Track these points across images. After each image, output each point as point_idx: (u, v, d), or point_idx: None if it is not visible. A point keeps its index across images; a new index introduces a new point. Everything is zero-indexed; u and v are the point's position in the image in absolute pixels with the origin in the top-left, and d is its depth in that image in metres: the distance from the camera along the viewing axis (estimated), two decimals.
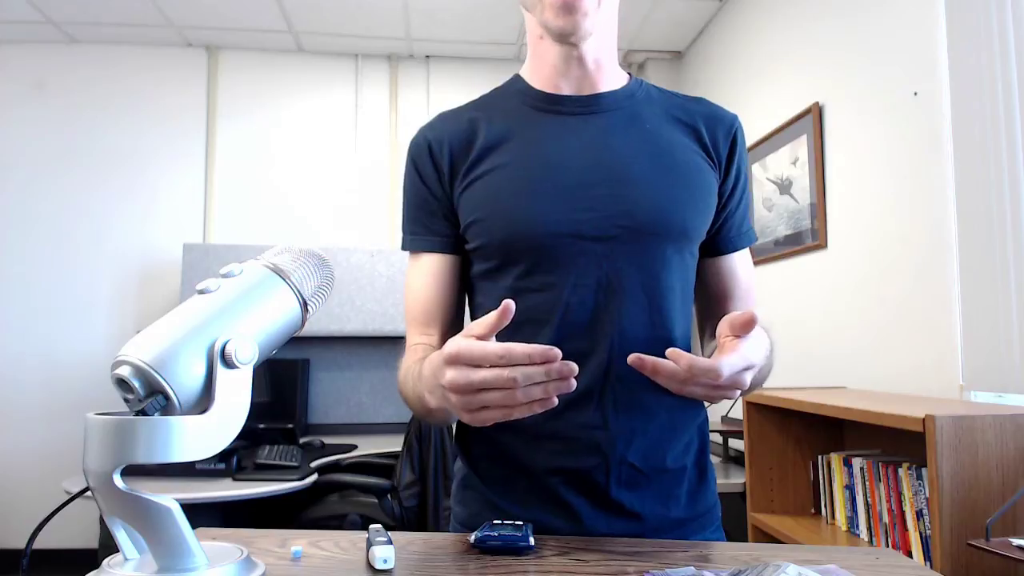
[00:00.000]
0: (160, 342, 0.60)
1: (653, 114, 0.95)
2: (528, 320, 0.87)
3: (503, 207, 0.89)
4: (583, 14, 0.86)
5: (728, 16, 3.46)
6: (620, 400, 0.86)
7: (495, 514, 0.90)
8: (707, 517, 0.94)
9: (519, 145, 0.92)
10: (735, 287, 1.01)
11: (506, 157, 0.91)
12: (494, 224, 0.89)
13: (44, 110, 3.85)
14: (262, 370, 0.71)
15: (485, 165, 0.92)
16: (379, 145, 4.07)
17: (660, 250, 0.89)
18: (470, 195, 0.92)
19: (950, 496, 1.38)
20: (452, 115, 0.99)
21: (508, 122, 0.94)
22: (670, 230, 0.89)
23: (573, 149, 0.91)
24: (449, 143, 0.94)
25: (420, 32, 3.84)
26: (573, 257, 0.87)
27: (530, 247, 0.88)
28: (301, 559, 0.73)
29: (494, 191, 0.90)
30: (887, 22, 2.21)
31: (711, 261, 1.00)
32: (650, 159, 0.91)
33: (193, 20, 3.69)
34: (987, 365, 1.76)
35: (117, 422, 0.58)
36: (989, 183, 1.76)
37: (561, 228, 0.87)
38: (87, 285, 3.80)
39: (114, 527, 0.62)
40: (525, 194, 0.89)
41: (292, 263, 0.70)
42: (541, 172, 0.89)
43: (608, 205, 0.88)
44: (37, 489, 3.59)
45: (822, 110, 2.58)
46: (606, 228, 0.87)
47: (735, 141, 0.97)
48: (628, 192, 0.88)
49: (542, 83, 0.96)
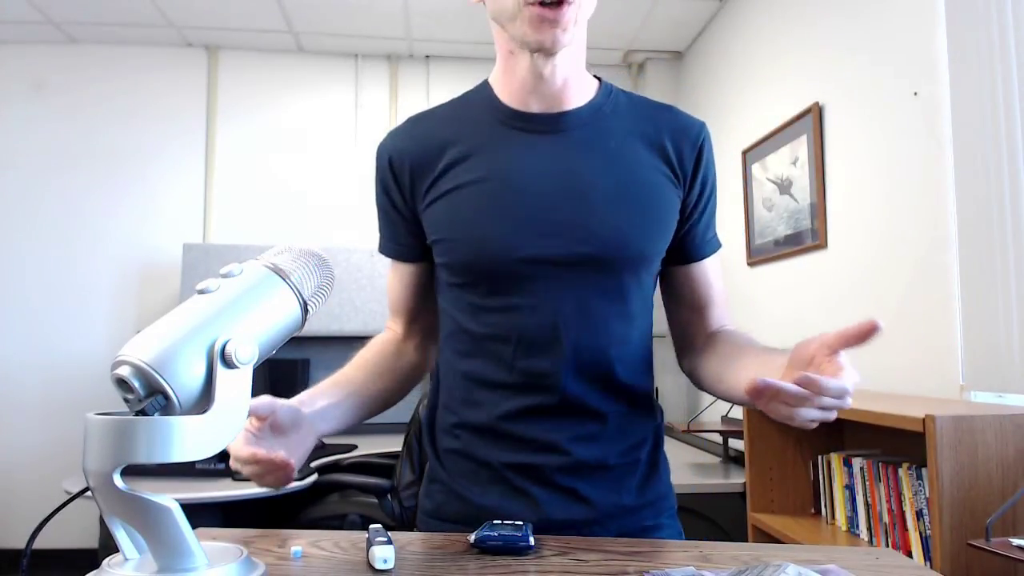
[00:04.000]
0: (160, 342, 0.60)
1: (620, 129, 0.95)
2: (489, 336, 0.92)
3: (465, 229, 0.91)
4: (563, 28, 0.85)
5: (728, 16, 3.46)
6: (574, 412, 0.92)
7: (459, 503, 0.95)
8: (660, 504, 0.98)
9: (484, 162, 0.92)
10: (710, 294, 1.02)
11: (471, 175, 0.92)
12: (456, 246, 0.92)
13: (44, 110, 3.85)
14: (262, 370, 0.71)
15: (449, 181, 0.93)
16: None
17: (619, 276, 0.92)
18: (433, 212, 0.94)
19: (950, 496, 1.38)
20: (420, 123, 0.99)
21: (475, 136, 0.94)
22: (629, 258, 0.92)
23: (536, 171, 0.91)
24: (411, 159, 0.95)
25: (420, 32, 3.84)
26: (533, 281, 0.90)
27: (491, 271, 0.91)
28: (301, 559, 0.73)
29: (457, 211, 0.92)
30: (887, 22, 2.21)
31: (680, 269, 1.01)
32: (613, 182, 0.92)
33: (193, 20, 3.69)
34: (987, 365, 1.76)
35: (117, 422, 0.58)
36: (989, 183, 1.76)
37: (521, 254, 0.89)
38: (87, 285, 3.80)
39: (114, 527, 0.62)
40: (487, 217, 0.90)
41: (292, 263, 0.70)
42: (503, 194, 0.91)
43: (569, 231, 0.89)
44: (37, 489, 3.59)
45: (822, 110, 2.58)
46: (566, 255, 0.89)
47: (701, 151, 0.97)
48: (589, 219, 0.90)
49: (510, 97, 0.95)
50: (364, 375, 1.01)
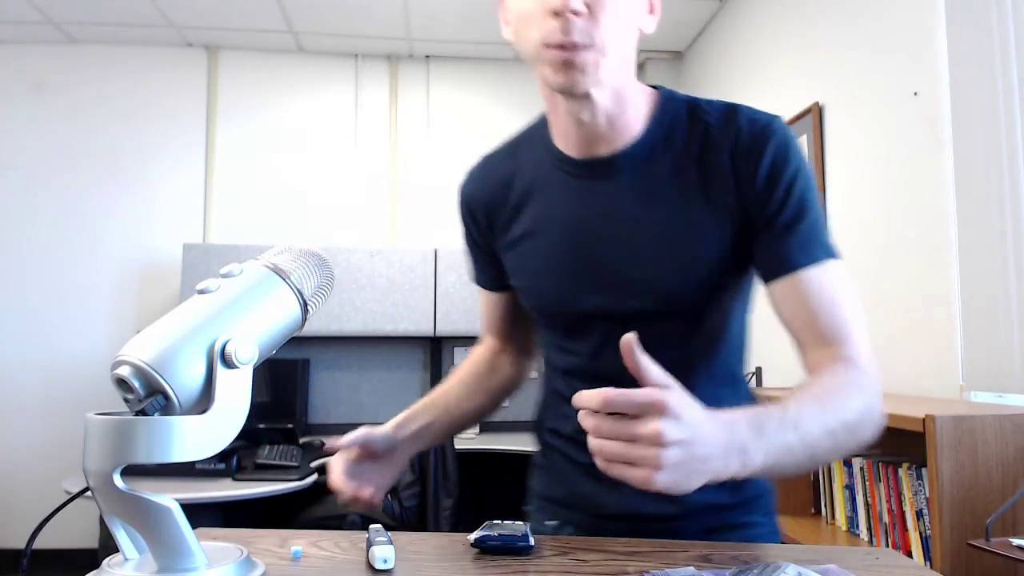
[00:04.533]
0: (160, 342, 0.60)
1: (674, 162, 0.89)
2: (564, 370, 0.99)
3: (530, 280, 0.98)
4: (582, 71, 0.80)
5: (728, 16, 3.46)
6: None
7: (559, 489, 1.01)
8: (755, 503, 0.96)
9: (541, 209, 0.95)
10: (792, 320, 0.85)
11: (531, 223, 0.96)
12: (525, 294, 1.00)
13: (44, 110, 3.85)
14: (262, 370, 0.72)
15: (516, 226, 0.97)
16: (379, 145, 4.07)
17: (674, 324, 0.90)
18: (507, 258, 1.00)
19: (950, 496, 1.38)
20: (490, 164, 1.03)
21: (534, 179, 0.96)
22: (679, 310, 0.90)
23: (586, 220, 0.91)
24: (484, 204, 1.01)
25: (420, 32, 3.84)
26: (591, 332, 0.94)
27: (554, 321, 0.98)
28: (301, 559, 0.73)
29: (522, 261, 0.98)
30: (887, 22, 2.21)
31: (768, 289, 0.89)
32: (661, 230, 0.88)
33: (193, 20, 3.69)
34: (987, 365, 1.76)
35: (117, 422, 0.58)
36: (989, 183, 1.76)
37: (577, 309, 0.93)
38: (87, 285, 3.80)
39: (114, 527, 0.62)
40: (545, 271, 0.95)
41: (292, 263, 0.70)
42: (558, 246, 0.93)
43: (619, 286, 0.90)
44: (37, 489, 3.59)
45: (822, 110, 2.58)
46: (618, 309, 0.90)
47: (761, 159, 0.86)
48: (638, 272, 0.89)
49: (557, 138, 0.94)
50: (458, 394, 1.08)
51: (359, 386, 3.77)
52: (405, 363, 3.78)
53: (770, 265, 0.87)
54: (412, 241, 3.99)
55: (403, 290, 3.48)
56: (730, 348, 0.96)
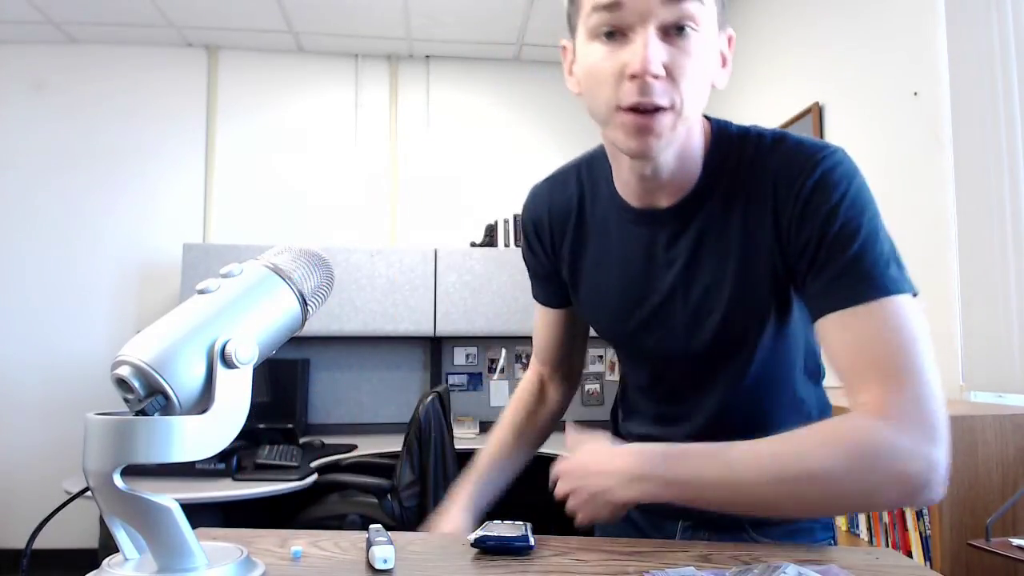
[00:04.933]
0: (160, 342, 0.60)
1: (725, 209, 0.87)
2: (635, 387, 1.04)
3: (588, 311, 1.02)
4: (657, 136, 0.78)
5: (728, 16, 3.46)
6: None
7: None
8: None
9: (599, 247, 0.97)
10: (831, 360, 0.81)
11: (589, 258, 0.98)
12: (586, 319, 1.06)
13: (44, 110, 3.85)
14: (262, 370, 0.72)
15: (576, 258, 1.00)
16: (379, 145, 4.07)
17: (724, 364, 0.92)
18: (568, 283, 1.03)
19: (950, 496, 1.38)
20: (554, 188, 1.02)
21: (595, 213, 0.98)
22: (727, 354, 0.91)
23: (640, 267, 0.93)
24: (550, 225, 1.02)
25: (420, 32, 3.84)
26: (645, 362, 0.99)
27: (616, 347, 1.04)
28: (301, 559, 0.73)
29: (580, 289, 1.01)
30: (887, 22, 2.21)
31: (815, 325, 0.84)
32: (708, 279, 0.88)
33: (193, 20, 3.69)
34: (987, 365, 1.76)
35: (117, 422, 0.58)
36: (989, 183, 1.76)
37: (628, 347, 1.00)
38: (87, 285, 3.80)
39: (114, 527, 0.62)
40: (600, 309, 0.99)
41: (292, 263, 0.70)
42: (612, 288, 0.96)
43: (666, 333, 0.93)
44: (37, 489, 3.59)
45: (822, 110, 2.58)
46: (666, 351, 0.94)
47: (799, 197, 0.82)
48: (682, 320, 0.91)
49: (619, 184, 0.93)
50: (517, 446, 1.12)
51: (359, 386, 3.77)
52: (405, 363, 3.78)
53: (809, 306, 0.83)
54: (412, 241, 3.99)
55: (403, 290, 3.48)
56: (788, 367, 0.94)
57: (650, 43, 0.75)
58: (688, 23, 0.77)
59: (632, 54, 0.75)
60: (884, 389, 0.74)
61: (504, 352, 3.83)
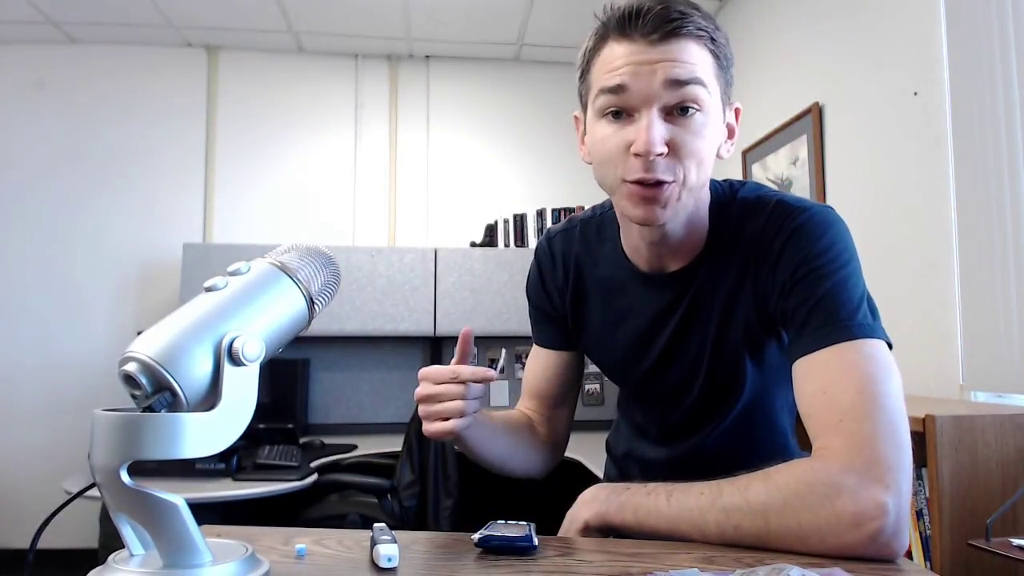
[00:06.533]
0: (167, 339, 0.60)
1: (723, 275, 0.92)
2: (631, 422, 1.13)
3: (595, 355, 1.08)
4: (662, 206, 0.82)
5: (728, 16, 3.47)
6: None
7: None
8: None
9: (606, 304, 1.03)
10: (798, 406, 0.84)
11: (596, 312, 1.04)
12: (593, 360, 1.11)
13: (44, 110, 3.85)
14: (263, 370, 0.72)
15: (583, 310, 1.06)
16: (379, 145, 4.07)
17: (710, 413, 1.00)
18: (574, 327, 1.08)
19: (950, 496, 1.39)
20: (569, 239, 1.07)
21: (604, 271, 1.03)
22: (712, 407, 1.00)
23: (643, 328, 0.99)
24: (558, 275, 1.07)
25: (420, 32, 3.84)
26: (652, 407, 1.07)
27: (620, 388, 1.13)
28: (305, 557, 0.74)
29: (584, 336, 1.07)
30: (887, 22, 2.21)
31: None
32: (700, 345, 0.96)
33: (193, 20, 3.69)
34: (987, 365, 1.76)
35: (124, 418, 0.58)
36: (989, 183, 1.76)
37: (634, 397, 1.09)
38: (87, 285, 3.80)
39: (120, 523, 0.63)
40: (605, 362, 1.08)
41: (299, 261, 0.70)
42: (617, 344, 1.03)
43: (666, 388, 1.01)
44: (37, 489, 3.58)
45: (822, 110, 2.58)
46: (666, 404, 1.03)
47: (779, 260, 0.86)
48: (679, 378, 0.99)
49: (628, 248, 0.99)
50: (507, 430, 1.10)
51: (359, 386, 3.77)
52: (405, 363, 3.78)
53: (787, 353, 0.87)
54: (412, 241, 3.99)
55: (403, 290, 3.48)
56: (772, 410, 1.01)
57: (653, 124, 0.79)
58: (691, 105, 0.81)
59: (637, 133, 0.80)
60: (837, 432, 0.75)
61: (504, 352, 3.83)
